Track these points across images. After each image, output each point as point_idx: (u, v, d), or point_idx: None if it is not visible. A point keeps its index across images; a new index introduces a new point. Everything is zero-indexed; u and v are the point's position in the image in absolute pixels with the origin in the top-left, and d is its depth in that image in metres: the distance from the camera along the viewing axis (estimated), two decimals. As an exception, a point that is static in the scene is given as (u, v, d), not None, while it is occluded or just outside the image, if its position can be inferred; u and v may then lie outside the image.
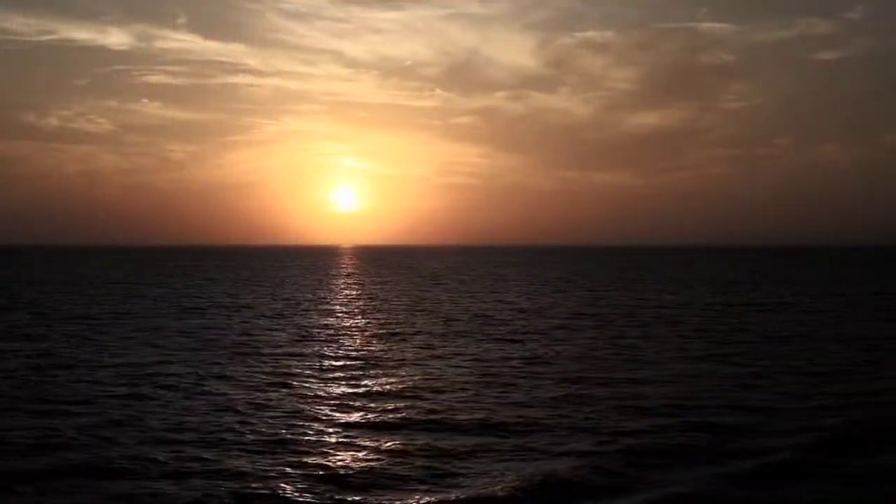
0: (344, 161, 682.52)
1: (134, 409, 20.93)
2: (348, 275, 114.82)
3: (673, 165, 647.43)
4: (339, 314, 50.60)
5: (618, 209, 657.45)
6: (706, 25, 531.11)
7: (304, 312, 51.53)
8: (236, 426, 19.05)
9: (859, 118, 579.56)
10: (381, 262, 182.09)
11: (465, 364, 28.99)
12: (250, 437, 18.12)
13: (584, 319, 46.06)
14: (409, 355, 31.43)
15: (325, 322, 45.26)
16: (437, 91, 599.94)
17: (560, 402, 22.08)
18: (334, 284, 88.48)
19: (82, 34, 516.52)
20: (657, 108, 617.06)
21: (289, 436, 18.21)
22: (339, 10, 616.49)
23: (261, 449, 17.07)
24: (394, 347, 33.94)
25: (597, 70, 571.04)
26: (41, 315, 48.03)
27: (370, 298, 65.05)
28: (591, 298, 63.87)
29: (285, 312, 51.12)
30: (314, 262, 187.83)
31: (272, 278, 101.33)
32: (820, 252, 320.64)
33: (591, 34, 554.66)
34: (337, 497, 14.25)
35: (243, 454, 16.65)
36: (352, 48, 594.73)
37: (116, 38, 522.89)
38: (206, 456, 16.43)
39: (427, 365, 28.86)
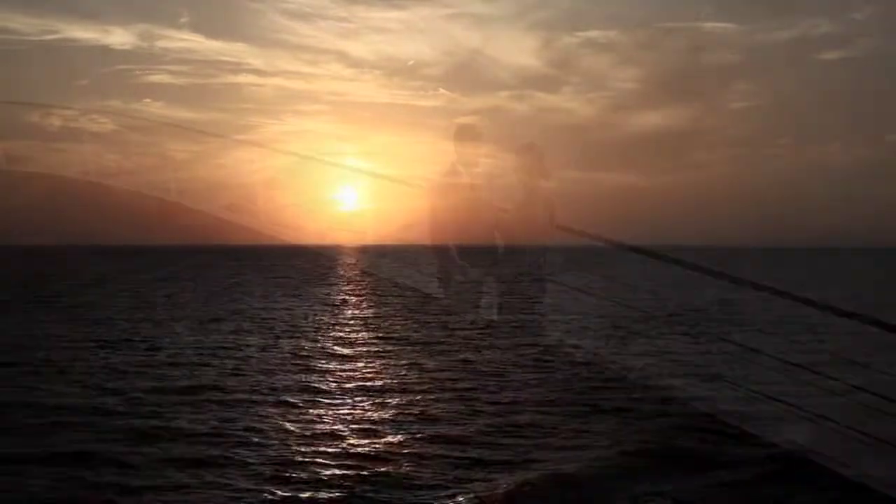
0: (347, 161, 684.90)
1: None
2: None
3: (677, 165, 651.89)
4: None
5: (622, 209, 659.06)
6: (710, 25, 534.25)
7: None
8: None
9: (864, 118, 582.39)
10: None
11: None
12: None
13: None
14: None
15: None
16: (441, 91, 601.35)
17: None
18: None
19: (85, 34, 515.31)
20: (661, 107, 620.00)
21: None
22: (342, 9, 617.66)
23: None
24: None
25: (600, 70, 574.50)
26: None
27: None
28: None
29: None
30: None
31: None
32: (822, 252, 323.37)
33: (594, 34, 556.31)
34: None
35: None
36: (355, 48, 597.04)
37: (119, 37, 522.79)
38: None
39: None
